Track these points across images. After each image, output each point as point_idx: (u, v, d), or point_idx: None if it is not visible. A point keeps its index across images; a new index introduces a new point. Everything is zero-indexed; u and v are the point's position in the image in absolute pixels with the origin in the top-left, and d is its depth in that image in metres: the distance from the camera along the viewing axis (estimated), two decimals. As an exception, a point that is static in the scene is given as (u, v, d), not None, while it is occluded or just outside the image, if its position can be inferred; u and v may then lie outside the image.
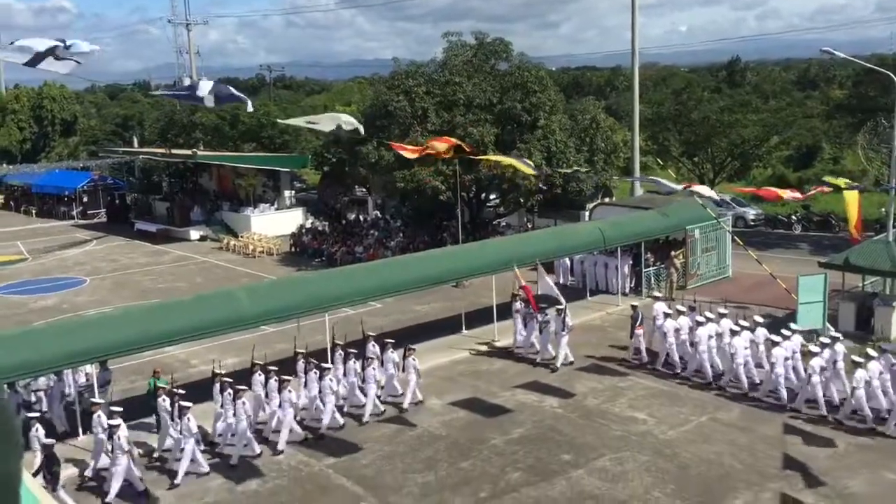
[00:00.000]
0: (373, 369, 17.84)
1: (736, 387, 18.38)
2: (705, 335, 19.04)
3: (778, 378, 17.61)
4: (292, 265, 34.07)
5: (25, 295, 30.38)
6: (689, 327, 19.93)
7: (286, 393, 16.44)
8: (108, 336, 16.45)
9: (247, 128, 46.90)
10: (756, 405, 17.78)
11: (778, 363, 17.66)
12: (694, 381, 19.18)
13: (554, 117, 31.90)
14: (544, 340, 20.88)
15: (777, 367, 17.65)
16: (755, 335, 19.01)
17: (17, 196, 55.99)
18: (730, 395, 18.32)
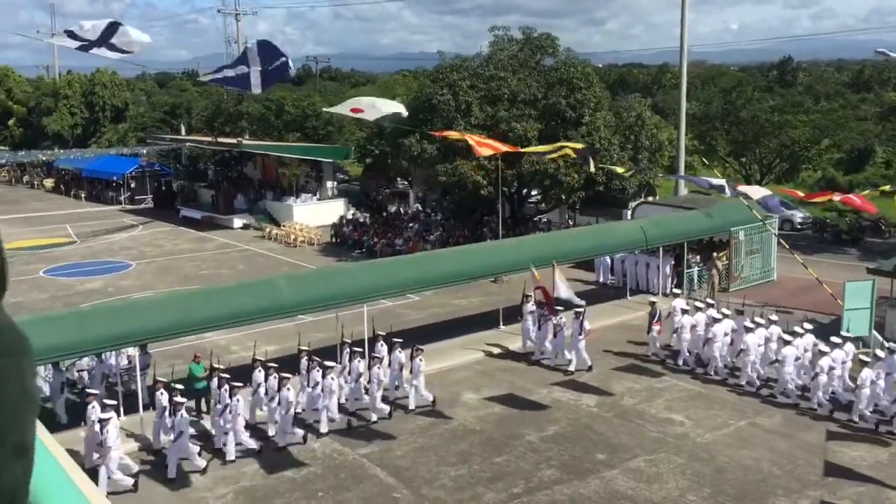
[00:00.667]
0: (377, 369, 17.39)
1: (784, 395, 18.02)
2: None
3: (787, 376, 17.80)
4: (332, 256, 34.30)
5: (73, 277, 31.03)
6: (705, 324, 19.86)
7: (284, 391, 16.10)
8: (150, 320, 16.72)
9: (291, 118, 47.29)
10: (799, 412, 17.46)
11: (787, 362, 17.81)
12: (732, 384, 18.91)
13: (599, 114, 31.63)
14: (559, 345, 20.18)
15: (786, 366, 17.82)
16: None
17: (67, 180, 57.17)
18: (767, 400, 18.02)
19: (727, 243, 27.17)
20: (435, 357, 20.73)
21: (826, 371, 17.32)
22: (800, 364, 18.08)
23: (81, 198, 53.60)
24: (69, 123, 66.29)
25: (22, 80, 73.66)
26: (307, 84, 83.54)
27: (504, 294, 24.39)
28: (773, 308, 21.66)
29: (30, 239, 38.67)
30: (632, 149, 32.21)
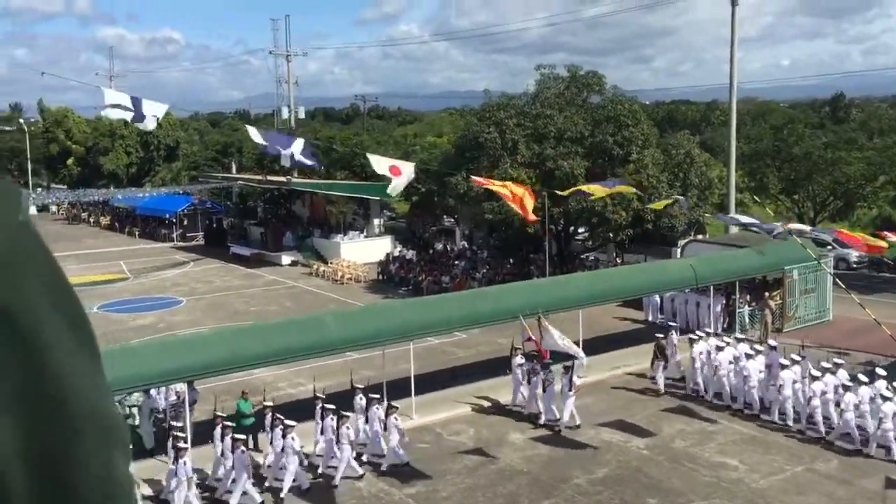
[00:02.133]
0: (346, 427, 16.24)
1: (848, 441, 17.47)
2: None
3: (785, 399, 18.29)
4: (379, 293, 34.41)
5: (125, 313, 31.59)
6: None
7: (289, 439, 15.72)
8: (198, 356, 16.88)
9: (339, 156, 47.89)
10: (859, 457, 16.85)
11: (786, 386, 18.29)
12: (786, 427, 18.34)
13: (646, 151, 31.42)
14: (547, 400, 19.03)
15: (784, 390, 18.28)
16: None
17: (122, 217, 58.57)
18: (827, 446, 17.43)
19: (781, 282, 26.58)
20: (480, 394, 20.57)
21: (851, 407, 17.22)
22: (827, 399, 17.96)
23: (135, 235, 54.81)
24: (125, 163, 68.10)
25: (81, 120, 76.00)
26: (355, 123, 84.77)
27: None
28: (835, 351, 21.11)
29: (85, 275, 39.55)
30: (680, 186, 31.87)
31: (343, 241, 42.28)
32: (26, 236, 0.63)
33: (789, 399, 18.48)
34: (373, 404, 17.22)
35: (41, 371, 0.58)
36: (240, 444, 15.40)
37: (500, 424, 19.08)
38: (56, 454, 0.58)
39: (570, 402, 18.58)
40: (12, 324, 0.58)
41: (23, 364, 0.58)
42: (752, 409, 19.30)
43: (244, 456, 15.29)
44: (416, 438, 18.33)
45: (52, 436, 0.58)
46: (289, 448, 15.60)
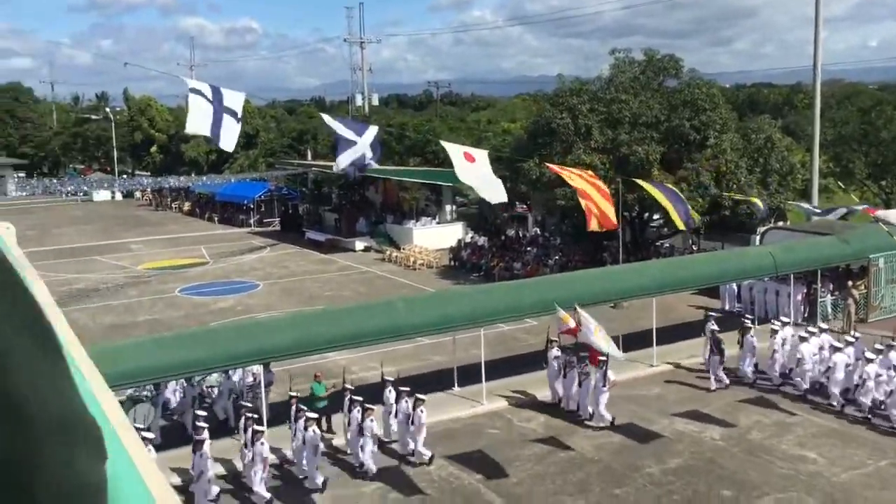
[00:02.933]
0: (370, 421, 15.97)
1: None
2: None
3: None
4: (450, 279, 34.54)
5: (206, 296, 32.51)
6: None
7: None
8: (274, 339, 17.27)
9: (412, 143, 48.14)
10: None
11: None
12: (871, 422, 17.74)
13: (725, 136, 30.64)
14: (583, 396, 18.51)
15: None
16: None
17: (202, 204, 60.19)
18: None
19: (865, 271, 25.64)
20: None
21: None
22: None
23: (214, 220, 56.25)
24: (205, 150, 69.83)
25: (163, 109, 78.26)
26: (428, 109, 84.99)
27: (623, 321, 23.86)
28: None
29: (168, 259, 40.85)
30: (760, 172, 31.00)
31: (415, 227, 42.55)
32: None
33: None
34: (402, 397, 16.89)
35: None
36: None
37: (572, 413, 18.95)
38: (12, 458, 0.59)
39: (603, 398, 18.03)
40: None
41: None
42: (835, 401, 18.69)
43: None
44: (486, 424, 18.40)
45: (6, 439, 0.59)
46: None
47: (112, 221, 56.22)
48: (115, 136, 76.70)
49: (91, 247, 45.03)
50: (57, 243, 45.72)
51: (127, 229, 52.16)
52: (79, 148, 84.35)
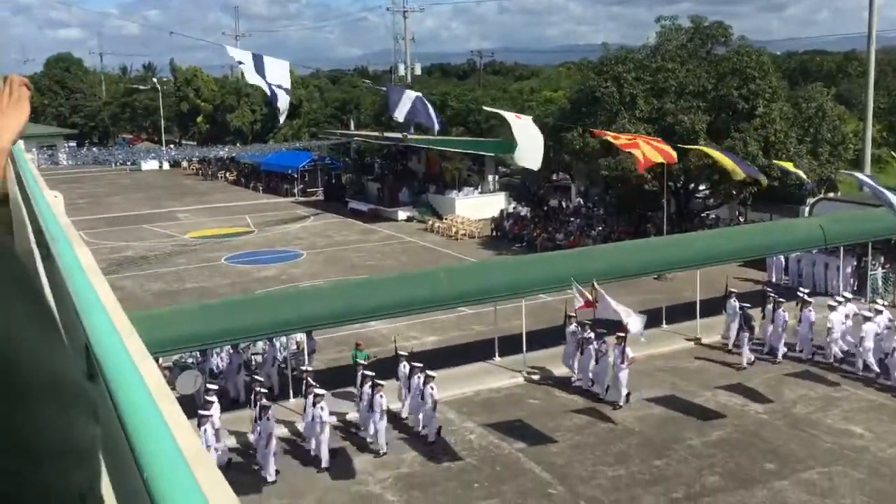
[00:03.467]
0: (380, 396, 15.76)
1: None
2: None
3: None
4: (492, 249, 34.52)
5: (250, 265, 32.97)
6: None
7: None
8: (317, 307, 17.48)
9: (455, 112, 47.94)
10: None
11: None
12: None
13: (774, 105, 29.94)
14: (600, 372, 18.10)
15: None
16: None
17: (247, 173, 60.81)
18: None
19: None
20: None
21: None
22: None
23: (259, 190, 56.81)
24: (249, 120, 70.42)
25: (209, 79, 78.90)
26: (471, 78, 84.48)
27: (667, 293, 23.66)
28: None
29: (214, 228, 41.46)
30: (811, 142, 30.29)
31: (458, 198, 42.50)
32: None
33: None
34: (415, 373, 16.69)
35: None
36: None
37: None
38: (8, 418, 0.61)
39: (622, 374, 17.57)
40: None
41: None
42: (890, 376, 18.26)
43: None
44: (526, 394, 18.47)
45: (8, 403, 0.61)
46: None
47: (160, 190, 57.14)
48: (163, 107, 77.67)
49: (139, 215, 45.87)
50: (107, 212, 46.66)
51: (174, 198, 52.98)
52: (127, 118, 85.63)
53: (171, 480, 0.93)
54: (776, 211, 31.51)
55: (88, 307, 1.69)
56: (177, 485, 0.91)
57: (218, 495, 0.92)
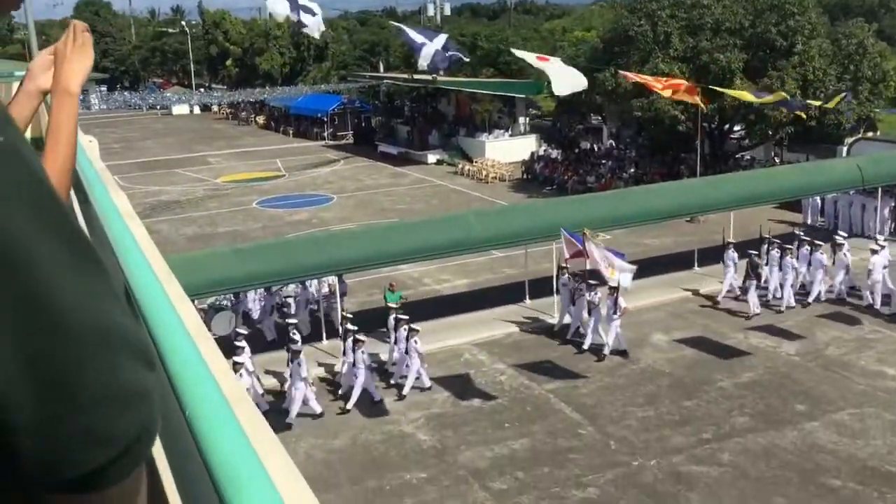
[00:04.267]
0: (362, 352, 15.50)
1: None
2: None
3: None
4: (523, 192, 34.36)
5: (282, 209, 33.19)
6: None
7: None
8: (348, 251, 17.60)
9: (485, 52, 47.26)
10: None
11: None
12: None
13: (813, 42, 29.11)
14: (594, 323, 17.62)
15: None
16: None
17: (277, 117, 60.77)
18: None
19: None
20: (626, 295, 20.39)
21: None
22: None
23: (289, 134, 56.83)
24: (278, 63, 70.05)
25: (237, 22, 78.37)
26: (502, 18, 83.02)
27: (699, 235, 23.47)
28: None
29: (245, 172, 41.68)
30: (850, 80, 29.49)
31: (488, 140, 42.19)
32: (6, 158, 0.63)
33: None
34: (400, 325, 16.38)
35: (26, 286, 0.61)
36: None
37: (643, 326, 18.95)
38: (55, 363, 0.62)
39: (615, 325, 17.22)
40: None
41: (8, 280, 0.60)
42: None
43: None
44: (556, 336, 18.55)
45: (49, 346, 0.62)
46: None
47: (191, 135, 57.41)
48: (192, 50, 77.51)
49: (171, 160, 46.22)
50: (140, 156, 47.07)
51: (205, 143, 53.23)
52: (157, 62, 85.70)
53: (212, 418, 0.96)
54: (813, 151, 30.90)
55: (126, 251, 1.73)
56: (218, 422, 0.94)
57: (257, 432, 0.95)
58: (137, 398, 0.67)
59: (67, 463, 0.63)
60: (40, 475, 0.64)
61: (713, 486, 12.49)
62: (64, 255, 0.64)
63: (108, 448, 0.65)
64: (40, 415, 0.61)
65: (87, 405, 0.63)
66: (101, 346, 0.65)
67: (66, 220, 0.67)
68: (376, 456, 13.93)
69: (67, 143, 1.51)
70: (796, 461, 13.02)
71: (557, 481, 12.84)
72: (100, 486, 0.66)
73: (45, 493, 0.65)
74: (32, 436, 0.62)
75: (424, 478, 13.15)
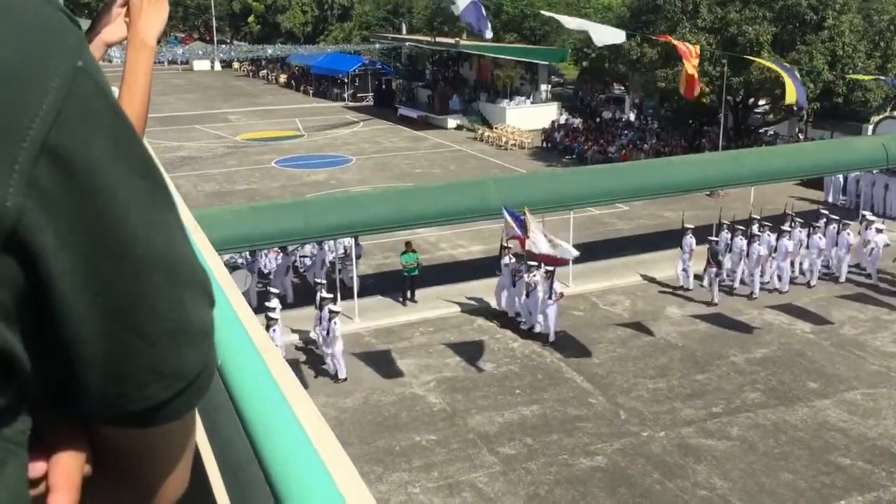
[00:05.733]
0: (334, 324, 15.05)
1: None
2: None
3: None
4: (542, 160, 34.16)
5: (300, 169, 33.19)
6: None
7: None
8: (365, 213, 17.62)
9: (509, 17, 46.74)
10: None
11: None
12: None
13: (844, 17, 28.58)
14: (532, 306, 17.08)
15: None
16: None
17: (297, 76, 60.54)
18: None
19: None
20: (642, 268, 20.37)
21: None
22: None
23: (309, 93, 56.65)
24: (300, 21, 69.58)
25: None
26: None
27: (718, 209, 23.26)
28: None
29: (265, 131, 41.66)
30: (880, 57, 28.99)
31: (509, 107, 41.89)
32: (84, 81, 0.62)
33: None
34: (325, 304, 15.59)
35: (100, 213, 0.60)
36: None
37: (657, 298, 18.93)
38: (124, 295, 0.62)
39: (551, 310, 16.65)
40: (65, 165, 0.59)
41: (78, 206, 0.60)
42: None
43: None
44: (571, 306, 18.55)
45: (118, 278, 0.61)
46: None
47: (211, 91, 57.33)
48: (214, 5, 77.07)
49: (192, 116, 46.23)
50: (160, 111, 47.08)
51: (225, 99, 53.16)
52: (180, 17, 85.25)
53: (243, 366, 0.97)
54: (838, 128, 30.50)
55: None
56: (249, 370, 0.96)
57: (286, 380, 0.96)
58: (202, 334, 0.67)
59: (131, 396, 0.64)
60: (103, 407, 0.64)
61: (721, 459, 12.55)
62: (140, 186, 0.64)
63: (171, 383, 0.65)
64: (109, 346, 0.61)
65: (156, 338, 0.63)
66: (171, 279, 0.64)
67: (142, 150, 0.66)
68: (387, 416, 14.07)
69: (143, 96, 1.51)
70: (806, 438, 13.05)
71: (566, 449, 12.94)
72: (158, 421, 0.66)
73: (104, 425, 0.66)
74: (99, 367, 0.62)
75: (434, 440, 13.28)
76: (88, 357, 0.61)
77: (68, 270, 0.60)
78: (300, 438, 0.81)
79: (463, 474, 12.33)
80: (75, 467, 0.66)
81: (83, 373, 0.62)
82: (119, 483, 0.71)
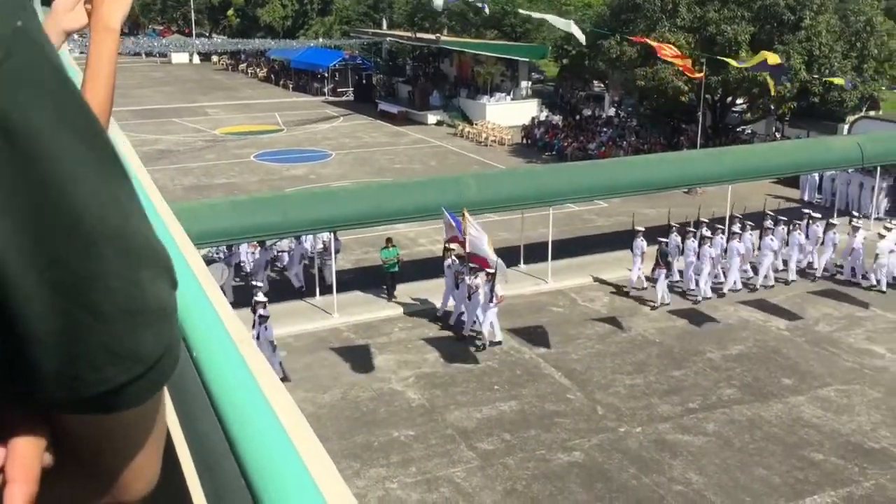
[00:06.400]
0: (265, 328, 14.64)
1: None
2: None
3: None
4: (522, 157, 34.23)
5: (279, 163, 33.03)
6: None
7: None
8: (344, 208, 17.56)
9: (490, 14, 46.69)
10: None
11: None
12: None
13: (821, 17, 28.86)
14: (472, 308, 16.77)
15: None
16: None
17: (277, 70, 60.15)
18: None
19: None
20: (617, 266, 20.47)
21: None
22: None
23: (289, 88, 56.32)
24: (280, 15, 69.15)
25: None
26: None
27: (696, 206, 23.42)
28: None
29: (244, 125, 41.38)
30: (856, 57, 29.30)
31: (489, 103, 41.89)
32: (24, 42, 0.58)
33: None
34: (258, 307, 14.90)
35: (43, 181, 0.57)
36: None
37: (636, 295, 19.03)
38: (74, 270, 0.58)
39: (490, 313, 16.35)
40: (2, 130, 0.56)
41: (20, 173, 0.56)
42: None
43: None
44: (549, 302, 18.65)
45: (67, 251, 0.58)
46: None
47: (189, 84, 56.84)
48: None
49: (169, 109, 45.84)
50: (137, 104, 46.63)
51: (204, 93, 52.74)
52: (158, 9, 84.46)
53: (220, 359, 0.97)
54: (815, 128, 30.82)
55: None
56: (226, 363, 0.95)
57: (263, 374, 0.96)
58: (161, 315, 0.63)
59: (85, 379, 0.60)
60: (57, 392, 0.61)
61: (697, 454, 12.66)
62: (88, 155, 0.60)
63: (129, 366, 0.62)
64: (60, 323, 0.58)
65: (109, 316, 0.60)
66: (126, 255, 0.61)
67: (91, 120, 0.62)
68: (365, 412, 14.06)
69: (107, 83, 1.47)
70: (780, 434, 13.19)
71: (543, 444, 12.99)
72: (118, 407, 0.63)
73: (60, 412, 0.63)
74: (51, 346, 0.58)
75: (412, 435, 13.29)
76: (39, 335, 0.58)
77: (13, 244, 0.56)
78: (277, 433, 0.81)
79: (441, 470, 12.35)
80: (34, 457, 0.62)
81: (33, 351, 0.59)
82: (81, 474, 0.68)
